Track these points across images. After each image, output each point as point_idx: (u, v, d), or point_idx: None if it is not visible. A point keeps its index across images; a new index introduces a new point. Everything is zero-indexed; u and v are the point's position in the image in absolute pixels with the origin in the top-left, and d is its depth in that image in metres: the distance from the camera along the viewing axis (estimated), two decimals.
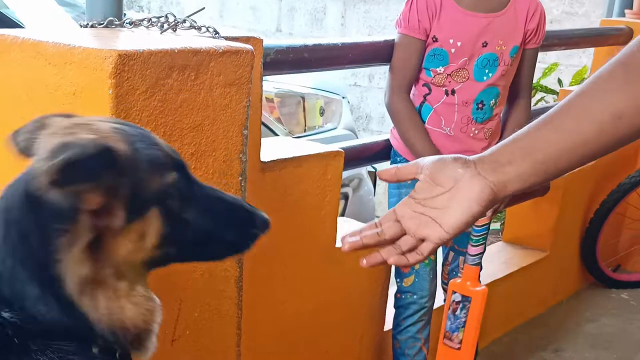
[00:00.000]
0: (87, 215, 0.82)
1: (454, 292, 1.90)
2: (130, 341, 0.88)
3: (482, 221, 2.13)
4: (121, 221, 0.84)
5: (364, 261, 1.00)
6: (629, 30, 3.34)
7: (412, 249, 0.99)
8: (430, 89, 2.02)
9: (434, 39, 1.96)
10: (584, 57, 4.67)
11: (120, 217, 0.84)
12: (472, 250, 1.96)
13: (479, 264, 1.96)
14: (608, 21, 3.53)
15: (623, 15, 3.57)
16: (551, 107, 0.96)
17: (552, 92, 4.14)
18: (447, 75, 1.99)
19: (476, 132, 2.06)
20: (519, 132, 0.97)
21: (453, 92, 2.01)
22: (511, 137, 0.98)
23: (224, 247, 1.00)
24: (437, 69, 1.99)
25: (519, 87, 2.15)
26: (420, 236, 0.98)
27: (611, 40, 3.35)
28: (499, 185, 0.95)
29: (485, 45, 1.98)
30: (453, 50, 1.96)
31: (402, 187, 2.10)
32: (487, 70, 2.01)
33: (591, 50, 3.75)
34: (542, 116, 0.97)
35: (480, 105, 2.04)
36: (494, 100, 2.05)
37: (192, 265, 1.32)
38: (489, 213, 2.13)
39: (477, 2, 1.97)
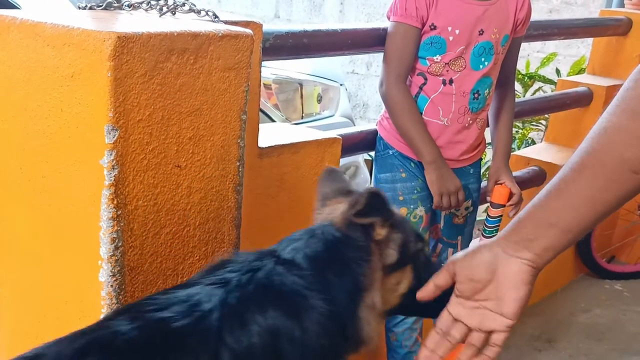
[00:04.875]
0: (376, 250, 1.08)
1: None
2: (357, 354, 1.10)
3: (496, 213, 2.13)
4: (394, 258, 1.10)
5: None
6: (628, 20, 3.33)
7: (485, 343, 1.05)
8: (426, 79, 2.00)
9: (432, 27, 1.94)
10: (582, 47, 4.66)
11: (393, 255, 1.10)
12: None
13: None
14: (607, 11, 3.52)
15: (622, 5, 3.56)
16: (550, 97, 0.99)
17: (550, 82, 4.14)
18: (445, 64, 1.97)
19: (470, 122, 2.05)
20: (536, 202, 1.00)
21: (451, 81, 1.99)
22: (528, 209, 1.00)
23: (436, 308, 1.13)
24: (434, 58, 1.97)
25: (508, 75, 2.16)
26: (487, 329, 1.03)
27: (610, 31, 3.34)
28: (535, 260, 0.99)
29: (481, 33, 1.97)
30: (451, 37, 1.95)
31: (397, 181, 2.08)
32: (483, 59, 2.00)
33: (590, 40, 3.75)
34: (555, 181, 0.98)
35: (476, 95, 2.03)
36: (488, 90, 2.05)
37: (189, 249, 1.32)
38: (510, 209, 2.14)
39: None
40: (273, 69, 3.31)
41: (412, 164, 2.07)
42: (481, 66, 2.00)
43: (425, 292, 1.10)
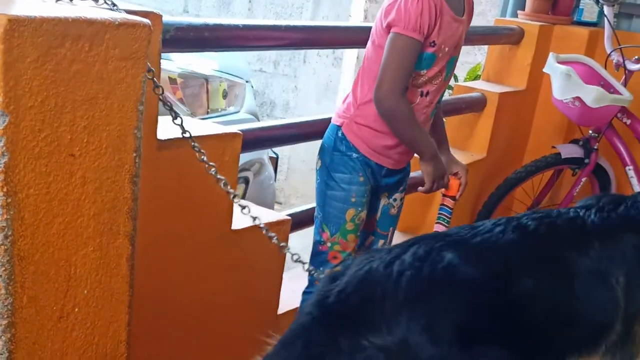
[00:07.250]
0: None
1: None
2: None
3: (452, 204, 2.22)
4: None
5: None
6: (520, 30, 3.51)
7: None
8: (406, 89, 2.02)
9: (432, 44, 1.96)
10: (479, 54, 4.87)
11: None
12: (439, 229, 2.14)
13: None
14: (501, 21, 3.69)
15: (516, 15, 3.75)
16: (446, 101, 1.03)
17: (449, 87, 4.30)
18: (429, 77, 2.03)
19: (427, 128, 2.15)
20: None
21: (427, 93, 2.06)
22: None
23: None
24: (421, 72, 2.01)
25: None
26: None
27: (503, 40, 3.52)
28: None
29: (456, 47, 2.06)
30: (441, 54, 2.01)
31: (354, 183, 2.10)
32: (448, 71, 2.09)
33: (485, 47, 3.92)
34: None
35: (437, 105, 2.14)
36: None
37: (83, 240, 1.30)
38: (457, 197, 2.25)
39: (458, 5, 2.02)
40: (179, 63, 3.28)
41: (369, 169, 2.11)
42: (446, 77, 2.10)
43: None
